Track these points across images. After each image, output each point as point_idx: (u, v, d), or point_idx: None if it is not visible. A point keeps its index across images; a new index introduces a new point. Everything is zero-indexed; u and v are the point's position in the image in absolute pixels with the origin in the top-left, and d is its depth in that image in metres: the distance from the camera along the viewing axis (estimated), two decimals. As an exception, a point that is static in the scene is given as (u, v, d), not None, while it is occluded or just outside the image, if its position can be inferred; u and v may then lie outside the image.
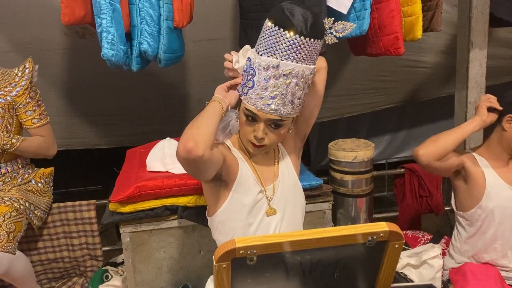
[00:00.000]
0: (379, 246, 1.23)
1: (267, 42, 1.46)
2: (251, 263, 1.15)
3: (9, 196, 2.18)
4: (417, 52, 3.55)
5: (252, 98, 1.50)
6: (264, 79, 1.47)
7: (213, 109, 1.49)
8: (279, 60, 1.44)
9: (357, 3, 2.22)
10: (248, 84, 1.51)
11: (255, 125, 1.54)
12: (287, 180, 1.71)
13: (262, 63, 1.46)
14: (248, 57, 1.52)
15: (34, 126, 2.28)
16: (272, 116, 1.51)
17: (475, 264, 2.11)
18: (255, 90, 1.49)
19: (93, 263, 2.56)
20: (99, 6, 1.96)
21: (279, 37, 1.43)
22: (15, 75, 2.26)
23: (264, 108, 1.49)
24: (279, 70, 1.45)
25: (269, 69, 1.45)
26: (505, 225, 2.03)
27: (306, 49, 1.44)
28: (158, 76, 3.27)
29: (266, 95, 1.48)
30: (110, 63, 2.03)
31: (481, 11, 2.68)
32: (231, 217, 1.63)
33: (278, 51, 1.44)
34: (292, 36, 1.41)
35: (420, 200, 3.02)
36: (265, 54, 1.46)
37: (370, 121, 4.56)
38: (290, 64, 1.45)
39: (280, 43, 1.43)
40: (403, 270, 2.31)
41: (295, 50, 1.43)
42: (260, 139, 1.55)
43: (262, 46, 1.48)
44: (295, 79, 1.47)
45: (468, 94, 2.81)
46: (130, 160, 2.46)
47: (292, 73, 1.46)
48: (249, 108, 1.52)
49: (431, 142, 1.98)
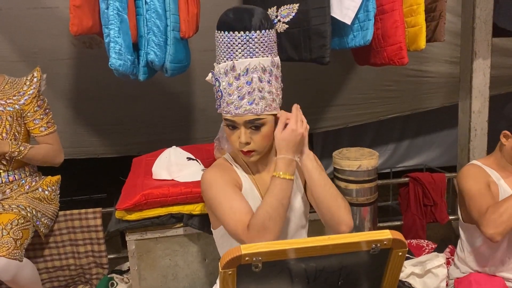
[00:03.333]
0: (382, 254, 1.24)
1: (219, 49, 1.52)
2: (256, 270, 1.16)
3: (16, 204, 2.20)
4: (421, 62, 3.57)
5: (225, 107, 1.52)
6: (227, 83, 1.50)
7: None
8: (233, 60, 1.48)
9: (361, 13, 2.24)
10: (217, 95, 1.55)
11: (237, 132, 1.54)
12: (294, 210, 1.67)
13: (221, 70, 1.51)
14: (211, 71, 1.57)
15: (41, 134, 2.31)
16: (248, 117, 1.51)
17: (480, 275, 2.10)
18: (224, 98, 1.52)
19: (98, 270, 2.57)
20: (107, 17, 1.99)
21: (226, 40, 1.48)
22: (23, 84, 2.29)
23: (238, 112, 1.50)
24: (236, 71, 1.49)
25: (228, 73, 1.49)
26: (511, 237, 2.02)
27: (255, 41, 1.48)
28: (164, 86, 3.30)
29: (235, 98, 1.50)
30: (117, 73, 2.06)
31: (484, 21, 2.70)
32: None
33: (230, 54, 1.49)
34: (237, 34, 1.47)
35: (424, 209, 3.01)
36: (222, 61, 1.51)
37: (375, 130, 4.56)
38: (245, 61, 1.48)
39: (228, 45, 1.48)
40: (408, 279, 2.30)
41: (244, 47, 1.48)
42: (245, 144, 1.53)
43: (218, 56, 1.53)
44: (256, 73, 1.49)
45: (472, 104, 2.82)
46: (136, 168, 2.48)
47: (249, 69, 1.48)
48: (226, 117, 1.54)
49: (506, 227, 1.80)
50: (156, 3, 2.09)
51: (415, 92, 3.86)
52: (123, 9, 2.01)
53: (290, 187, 1.51)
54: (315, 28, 2.17)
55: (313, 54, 2.22)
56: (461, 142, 2.99)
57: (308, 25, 2.19)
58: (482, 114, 2.84)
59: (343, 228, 1.57)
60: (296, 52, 2.25)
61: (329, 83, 3.62)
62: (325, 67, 2.30)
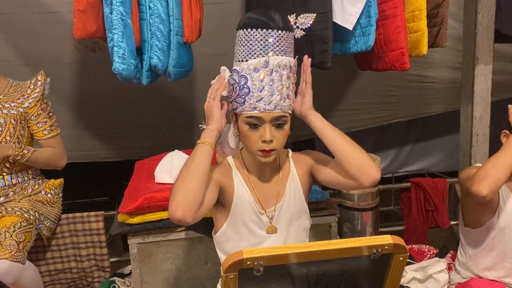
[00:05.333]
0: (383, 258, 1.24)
1: (248, 46, 1.53)
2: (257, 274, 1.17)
3: (19, 207, 2.21)
4: (424, 67, 3.57)
5: (252, 103, 1.52)
6: (258, 79, 1.52)
7: (202, 154, 1.50)
8: (266, 57, 1.51)
9: (363, 19, 2.25)
10: (242, 92, 1.53)
11: (260, 130, 1.54)
12: (293, 207, 1.68)
13: (251, 67, 1.52)
14: (233, 69, 1.57)
15: (45, 137, 2.32)
16: (276, 113, 1.53)
17: (481, 280, 2.09)
18: (252, 94, 1.52)
19: (100, 274, 2.58)
20: (110, 21, 2.00)
21: (259, 38, 1.52)
22: (27, 88, 2.31)
23: (268, 107, 1.52)
24: (269, 66, 1.51)
25: (260, 69, 1.51)
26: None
27: (285, 41, 1.54)
28: (167, 90, 3.32)
29: (265, 94, 1.51)
30: (120, 77, 2.07)
31: (486, 27, 2.71)
32: (231, 237, 1.65)
33: (263, 50, 1.52)
34: (271, 32, 1.51)
35: (426, 214, 3.02)
36: (250, 58, 1.53)
37: (377, 135, 4.57)
38: (277, 58, 1.52)
39: (262, 42, 1.52)
40: (409, 284, 2.30)
41: (277, 44, 1.52)
42: (269, 142, 1.53)
43: (243, 53, 1.54)
44: (285, 71, 1.54)
45: (473, 109, 2.83)
46: (139, 172, 2.49)
47: (281, 66, 1.52)
48: (252, 115, 1.53)
49: (491, 179, 1.80)
50: (160, 8, 2.11)
51: (417, 97, 3.86)
52: (126, 13, 2.03)
53: (203, 149, 1.50)
54: (317, 33, 2.18)
55: (315, 59, 2.22)
56: (463, 147, 2.99)
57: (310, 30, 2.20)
58: (484, 120, 2.85)
59: (374, 173, 1.56)
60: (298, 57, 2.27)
61: (331, 88, 3.62)
62: (327, 72, 2.31)
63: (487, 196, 1.79)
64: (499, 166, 1.82)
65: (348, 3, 2.22)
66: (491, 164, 1.84)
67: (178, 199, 1.41)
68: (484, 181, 1.78)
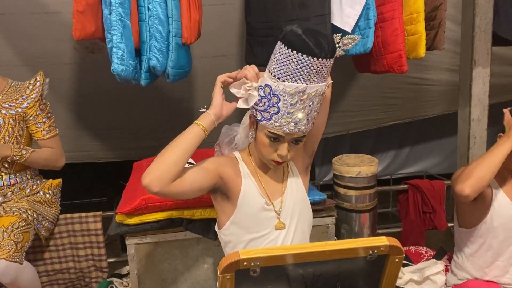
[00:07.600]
0: (379, 260, 1.25)
1: (289, 68, 1.46)
2: (254, 274, 1.18)
3: (17, 207, 2.22)
4: (422, 69, 3.58)
5: (280, 123, 1.52)
6: (290, 104, 1.49)
7: (189, 133, 1.56)
8: (306, 84, 1.46)
9: (362, 21, 2.26)
10: (271, 110, 1.51)
11: (279, 145, 1.57)
12: (296, 195, 1.73)
13: (287, 89, 1.47)
14: (266, 84, 1.52)
15: (43, 138, 2.32)
16: (298, 134, 1.55)
17: (478, 281, 2.10)
18: (282, 116, 1.50)
19: (98, 274, 2.58)
20: (109, 22, 2.01)
21: (303, 63, 1.44)
22: (26, 88, 2.31)
23: (292, 129, 1.52)
24: (305, 94, 1.48)
25: (296, 95, 1.48)
26: (508, 242, 2.03)
27: (326, 68, 1.48)
28: (166, 91, 3.32)
29: (293, 118, 1.51)
30: (119, 78, 2.08)
31: (483, 30, 2.72)
32: (238, 231, 1.66)
33: (302, 76, 1.45)
34: (316, 60, 1.43)
35: (423, 216, 3.02)
36: (288, 80, 1.47)
37: (375, 137, 4.58)
38: (315, 86, 1.48)
39: (304, 69, 1.44)
40: (406, 286, 2.31)
41: (318, 72, 1.46)
42: (284, 157, 1.57)
43: (282, 72, 1.47)
44: (317, 97, 1.52)
45: (471, 112, 2.84)
46: (137, 173, 2.49)
47: (315, 93, 1.50)
48: (274, 132, 1.54)
49: (474, 178, 1.83)
50: (159, 9, 2.12)
51: (415, 99, 3.87)
52: (125, 15, 2.03)
53: (192, 128, 1.58)
54: (315, 35, 2.19)
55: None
56: (461, 149, 3.00)
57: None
58: (482, 122, 2.86)
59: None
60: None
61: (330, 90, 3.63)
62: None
63: (470, 195, 1.82)
64: (483, 165, 1.86)
65: (346, 5, 2.23)
66: (475, 164, 1.88)
67: (151, 166, 1.48)
68: (467, 180, 1.82)
